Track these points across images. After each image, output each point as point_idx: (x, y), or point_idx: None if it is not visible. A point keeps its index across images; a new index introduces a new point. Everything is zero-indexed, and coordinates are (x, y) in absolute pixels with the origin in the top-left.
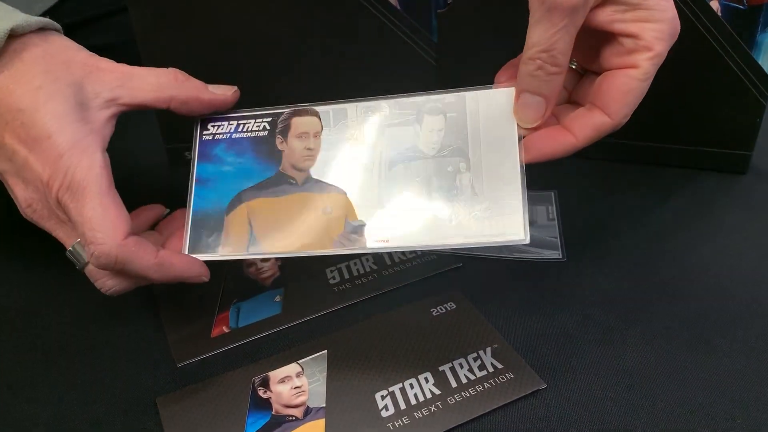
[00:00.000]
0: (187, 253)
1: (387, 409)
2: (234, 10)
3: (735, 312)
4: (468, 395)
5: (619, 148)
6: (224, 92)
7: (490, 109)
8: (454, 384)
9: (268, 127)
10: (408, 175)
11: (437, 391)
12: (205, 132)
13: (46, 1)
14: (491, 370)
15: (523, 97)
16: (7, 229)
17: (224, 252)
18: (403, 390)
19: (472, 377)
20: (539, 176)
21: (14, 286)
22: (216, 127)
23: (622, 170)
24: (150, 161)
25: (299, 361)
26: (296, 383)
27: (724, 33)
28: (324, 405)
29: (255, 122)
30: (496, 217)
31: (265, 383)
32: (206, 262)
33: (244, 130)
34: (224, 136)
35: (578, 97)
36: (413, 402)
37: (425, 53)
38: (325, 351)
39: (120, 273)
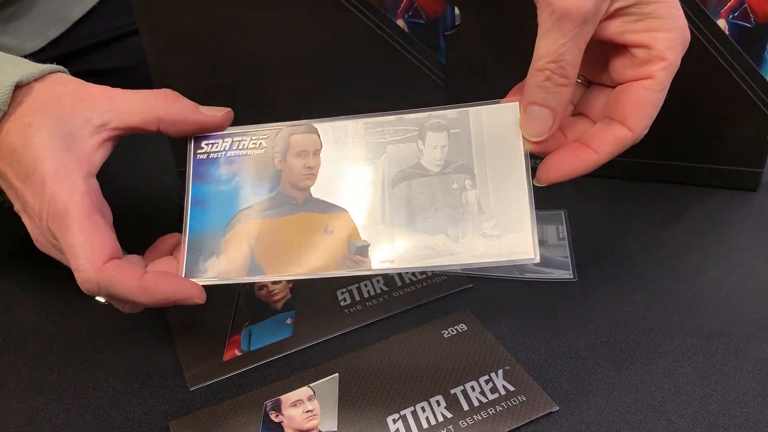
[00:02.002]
0: (183, 277)
1: None
2: (245, 34)
3: (749, 331)
4: (480, 418)
5: (629, 166)
6: (215, 113)
7: (495, 124)
8: (466, 407)
9: (264, 145)
10: (412, 193)
11: (449, 414)
12: (199, 150)
13: (59, 26)
14: (503, 392)
15: (530, 110)
16: (25, 255)
17: (222, 276)
18: (414, 413)
19: (484, 400)
20: (549, 195)
21: (31, 310)
22: (210, 146)
23: (633, 189)
24: (163, 184)
25: (311, 385)
26: (308, 407)
27: (732, 51)
28: (336, 429)
29: (251, 140)
30: (505, 235)
31: (277, 407)
32: (209, 286)
33: (240, 147)
34: (219, 155)
35: (584, 109)
36: (425, 425)
37: (434, 75)
38: (337, 374)
39: (111, 297)
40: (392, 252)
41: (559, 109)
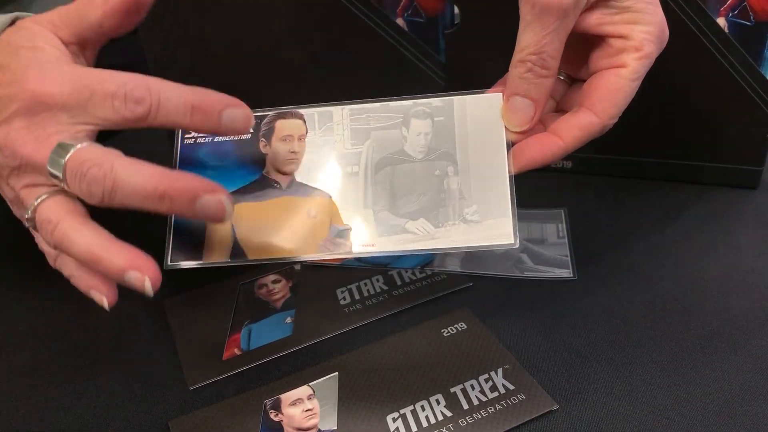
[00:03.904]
0: (169, 260)
1: None
2: (244, 33)
3: (748, 329)
4: (480, 417)
5: (628, 164)
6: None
7: (479, 114)
8: (465, 406)
9: (251, 130)
10: (395, 179)
11: (449, 413)
12: (186, 136)
13: None
14: (503, 391)
15: (513, 101)
16: (25, 255)
17: (207, 259)
18: (414, 412)
19: (484, 399)
20: (549, 194)
21: (29, 309)
22: None
23: (632, 187)
24: None
25: (310, 384)
26: (307, 406)
27: (732, 48)
28: (335, 428)
29: None
30: (485, 220)
31: (277, 406)
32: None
33: None
34: (206, 140)
35: (566, 106)
36: (425, 424)
37: (433, 73)
38: (336, 373)
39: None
40: (373, 236)
41: (541, 99)
